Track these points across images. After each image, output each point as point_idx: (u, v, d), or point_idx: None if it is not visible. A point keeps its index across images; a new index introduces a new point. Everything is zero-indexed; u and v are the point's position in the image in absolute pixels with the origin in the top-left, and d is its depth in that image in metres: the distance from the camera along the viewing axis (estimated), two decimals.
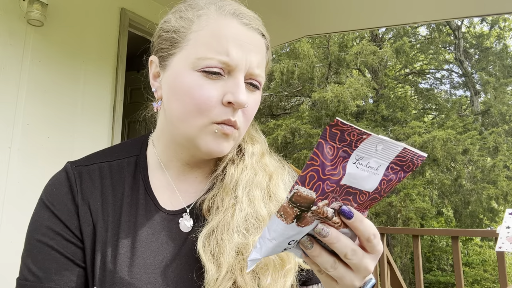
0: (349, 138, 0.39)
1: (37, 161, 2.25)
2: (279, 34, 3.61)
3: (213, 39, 0.61)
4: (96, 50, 2.64)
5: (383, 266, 3.26)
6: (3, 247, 2.03)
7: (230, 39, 0.61)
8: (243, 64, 0.61)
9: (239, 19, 0.63)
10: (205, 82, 0.60)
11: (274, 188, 0.68)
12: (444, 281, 10.29)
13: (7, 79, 2.18)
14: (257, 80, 0.64)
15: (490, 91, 11.11)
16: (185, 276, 0.62)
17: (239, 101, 0.60)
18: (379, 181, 0.42)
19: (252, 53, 0.62)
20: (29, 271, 0.62)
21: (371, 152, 0.40)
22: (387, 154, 0.41)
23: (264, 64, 0.67)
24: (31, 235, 0.64)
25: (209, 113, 0.61)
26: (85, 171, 0.68)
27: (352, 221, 0.42)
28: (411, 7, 3.13)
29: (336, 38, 11.36)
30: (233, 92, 0.60)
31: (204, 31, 0.62)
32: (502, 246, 1.92)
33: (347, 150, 0.40)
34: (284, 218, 0.39)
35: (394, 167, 0.42)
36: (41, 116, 2.32)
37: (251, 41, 0.63)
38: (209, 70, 0.60)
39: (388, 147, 0.40)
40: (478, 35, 12.58)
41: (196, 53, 0.61)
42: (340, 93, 9.69)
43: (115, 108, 2.71)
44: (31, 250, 0.63)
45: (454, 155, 8.99)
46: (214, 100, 0.60)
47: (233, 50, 0.60)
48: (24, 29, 2.27)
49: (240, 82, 0.61)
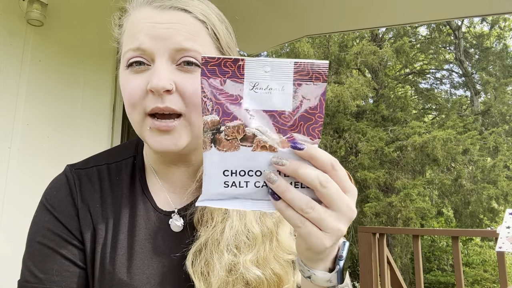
0: (229, 69, 0.41)
1: (37, 161, 2.25)
2: (279, 34, 3.61)
3: (129, 34, 0.62)
4: (96, 50, 2.63)
5: (383, 266, 3.26)
6: (3, 246, 2.03)
7: (141, 27, 0.60)
8: (160, 46, 0.58)
9: (150, 5, 0.61)
10: (131, 76, 0.60)
11: None
12: (444, 281, 10.29)
13: (7, 79, 2.18)
14: (189, 56, 0.59)
15: (490, 91, 11.11)
16: (181, 276, 0.62)
17: (153, 84, 0.56)
18: (292, 98, 0.42)
19: (171, 30, 0.59)
20: (30, 273, 0.62)
21: (263, 75, 0.41)
22: (282, 73, 0.41)
23: (199, 39, 0.60)
24: (32, 238, 0.64)
25: (140, 104, 0.60)
26: (84, 174, 0.68)
27: (305, 151, 0.41)
28: (411, 7, 3.13)
29: (336, 38, 11.36)
30: (151, 77, 0.58)
31: (126, 30, 0.64)
32: (502, 246, 1.92)
33: (236, 80, 0.41)
34: (204, 148, 0.42)
35: (301, 82, 0.42)
36: (41, 116, 2.32)
37: (167, 21, 0.59)
38: (130, 62, 0.60)
39: (277, 66, 0.41)
40: (478, 35, 12.58)
41: (123, 51, 0.63)
42: (340, 93, 9.69)
43: (115, 108, 2.71)
44: (32, 252, 0.63)
45: (454, 155, 8.99)
46: (139, 90, 0.59)
47: (144, 35, 0.59)
48: (24, 29, 2.27)
49: (157, 66, 0.58)
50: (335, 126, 10.33)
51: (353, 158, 9.78)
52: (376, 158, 9.50)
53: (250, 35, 3.42)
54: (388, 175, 9.38)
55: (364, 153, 9.51)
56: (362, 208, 9.23)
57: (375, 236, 3.32)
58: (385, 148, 9.38)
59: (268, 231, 0.63)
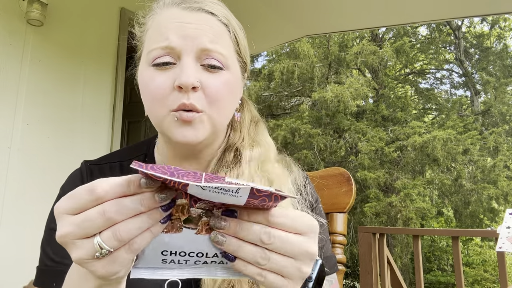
0: (173, 187, 0.37)
1: (37, 161, 2.25)
2: (279, 34, 3.61)
3: (156, 32, 0.64)
4: (96, 50, 2.63)
5: (383, 266, 3.25)
6: (4, 246, 2.03)
7: (170, 26, 0.62)
8: (188, 45, 0.61)
9: (178, 6, 0.65)
10: (156, 73, 0.62)
11: None
12: (444, 281, 10.29)
13: (7, 79, 2.18)
14: (214, 58, 0.62)
15: (490, 91, 11.11)
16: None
17: (182, 81, 0.59)
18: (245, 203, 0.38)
19: (199, 30, 0.62)
20: (47, 258, 0.66)
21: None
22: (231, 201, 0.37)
23: (222, 41, 0.64)
24: (48, 224, 0.69)
25: (165, 101, 0.61)
26: (97, 169, 0.73)
27: (237, 220, 0.39)
28: (411, 7, 3.13)
29: (336, 38, 11.36)
30: (179, 74, 0.60)
31: (151, 28, 0.66)
32: (502, 246, 1.92)
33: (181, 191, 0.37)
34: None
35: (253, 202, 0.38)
36: (41, 116, 2.32)
37: (196, 22, 0.63)
38: (158, 62, 0.62)
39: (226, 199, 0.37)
40: (478, 35, 12.57)
41: (147, 49, 0.64)
42: (340, 93, 9.69)
43: (115, 108, 2.71)
44: (49, 238, 0.67)
45: (454, 155, 8.99)
46: (165, 87, 0.61)
47: (173, 34, 0.61)
48: (24, 29, 2.27)
49: (185, 63, 0.61)
50: (335, 126, 10.33)
51: (353, 158, 9.78)
52: (376, 158, 9.50)
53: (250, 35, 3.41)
54: (388, 175, 9.38)
55: (364, 153, 9.51)
56: (362, 208, 9.23)
57: (375, 236, 3.32)
58: (385, 148, 9.38)
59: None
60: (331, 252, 0.77)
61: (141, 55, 0.67)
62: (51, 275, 0.64)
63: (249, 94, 11.12)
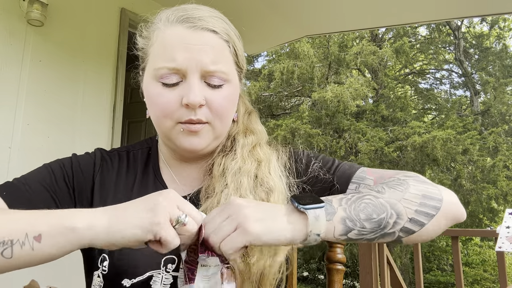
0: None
1: (37, 161, 2.25)
2: (279, 34, 3.61)
3: (162, 49, 0.68)
4: (96, 50, 2.64)
5: (383, 266, 3.26)
6: None
7: (175, 45, 0.67)
8: (193, 65, 0.66)
9: (183, 24, 0.68)
10: (164, 90, 0.68)
11: (262, 175, 0.71)
12: (444, 281, 10.29)
13: (7, 79, 2.18)
14: (215, 76, 0.68)
15: (490, 91, 11.12)
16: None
17: (190, 101, 0.66)
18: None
19: (202, 52, 0.67)
20: (22, 177, 0.71)
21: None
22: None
23: (223, 58, 0.70)
24: (45, 164, 0.76)
25: (173, 115, 0.68)
26: (106, 154, 0.80)
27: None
28: (411, 7, 3.13)
29: (336, 38, 11.36)
30: (186, 94, 0.66)
31: (156, 43, 0.70)
32: (502, 246, 1.92)
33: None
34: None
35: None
36: (41, 116, 2.32)
37: (199, 42, 0.67)
38: (167, 82, 0.68)
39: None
40: (478, 35, 12.58)
41: (153, 65, 0.69)
42: (340, 93, 9.69)
43: (115, 108, 2.71)
44: (37, 170, 0.73)
45: (454, 155, 8.99)
46: (173, 104, 0.67)
47: (179, 55, 0.66)
48: (24, 29, 2.27)
49: (191, 83, 0.67)
50: (335, 126, 10.33)
51: (353, 158, 9.78)
52: (376, 158, 9.50)
53: (250, 35, 3.42)
54: None
55: (364, 153, 9.51)
56: None
57: None
58: (385, 148, 9.38)
59: (261, 200, 0.69)
60: (341, 164, 0.80)
61: (146, 67, 0.72)
62: (10, 187, 0.68)
63: (249, 94, 11.11)
